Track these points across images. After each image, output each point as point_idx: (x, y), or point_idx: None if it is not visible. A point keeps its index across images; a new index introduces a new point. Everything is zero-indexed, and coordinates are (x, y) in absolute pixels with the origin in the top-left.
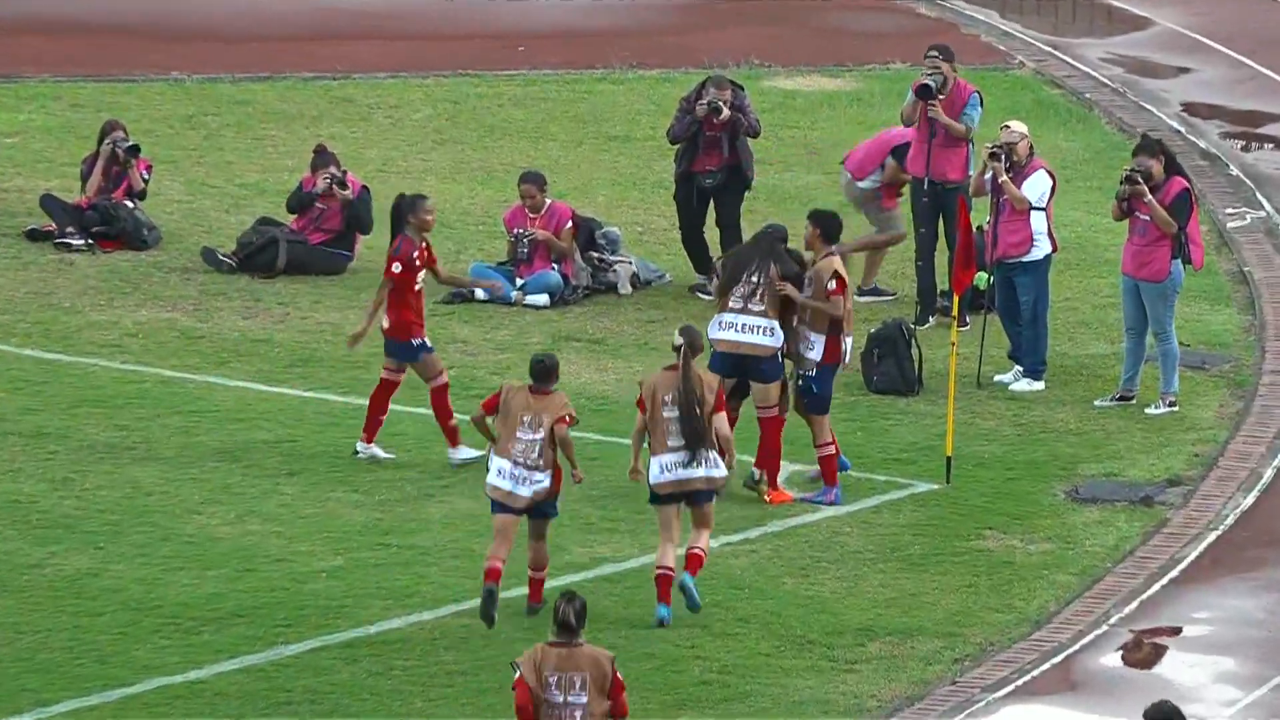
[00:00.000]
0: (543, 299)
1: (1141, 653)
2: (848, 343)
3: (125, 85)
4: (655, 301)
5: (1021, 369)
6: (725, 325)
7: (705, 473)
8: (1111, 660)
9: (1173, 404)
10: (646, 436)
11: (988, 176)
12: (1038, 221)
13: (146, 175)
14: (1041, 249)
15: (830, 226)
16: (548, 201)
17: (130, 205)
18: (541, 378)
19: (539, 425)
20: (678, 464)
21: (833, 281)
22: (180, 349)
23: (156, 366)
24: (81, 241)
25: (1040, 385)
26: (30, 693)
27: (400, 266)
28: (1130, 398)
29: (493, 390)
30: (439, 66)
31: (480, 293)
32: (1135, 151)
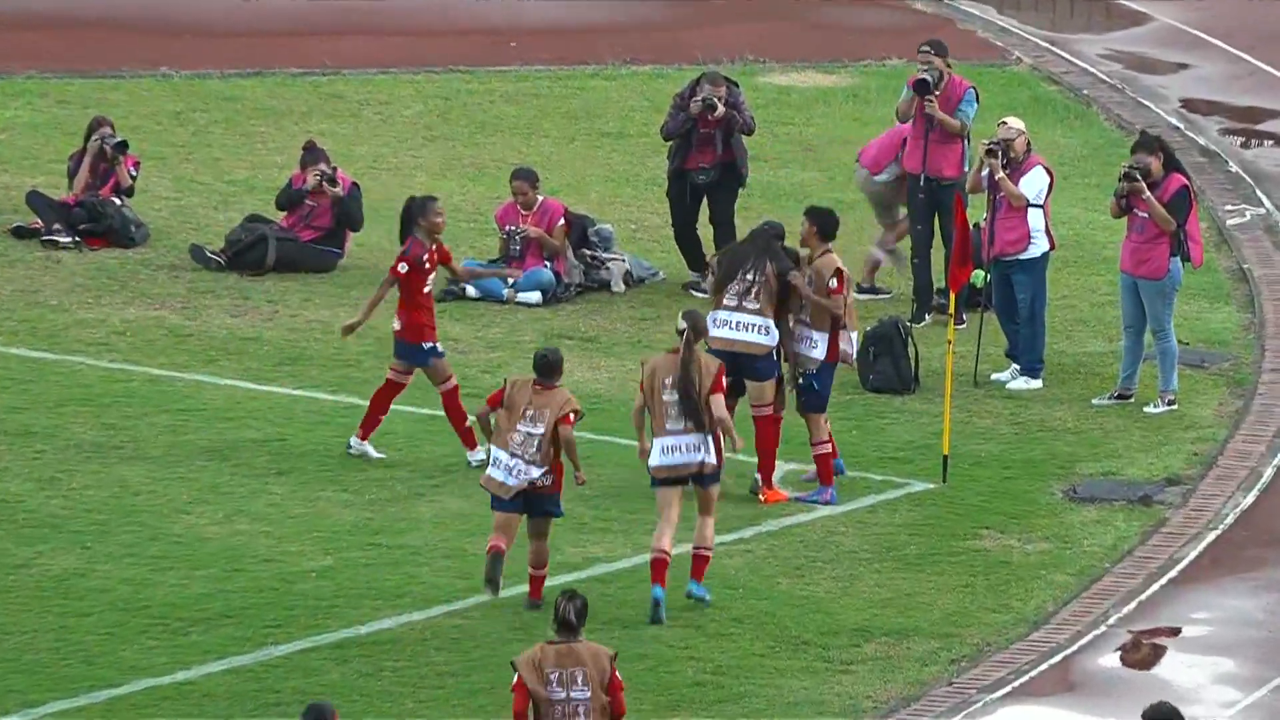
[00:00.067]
0: (535, 297)
1: (1140, 653)
2: (852, 337)
3: (113, 81)
4: (649, 299)
5: (1019, 367)
6: (720, 323)
7: (703, 457)
8: (1110, 661)
9: (1171, 402)
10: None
11: (985, 173)
12: (1035, 219)
13: (134, 172)
14: (1039, 246)
15: (827, 223)
16: (540, 198)
17: (118, 202)
18: (545, 372)
19: (540, 419)
20: (675, 447)
21: (834, 279)
22: (168, 347)
23: (144, 365)
24: (69, 239)
25: (1038, 384)
26: (16, 694)
27: (407, 267)
28: (1129, 396)
29: (490, 388)
30: (430, 62)
31: (471, 289)
32: (1134, 148)
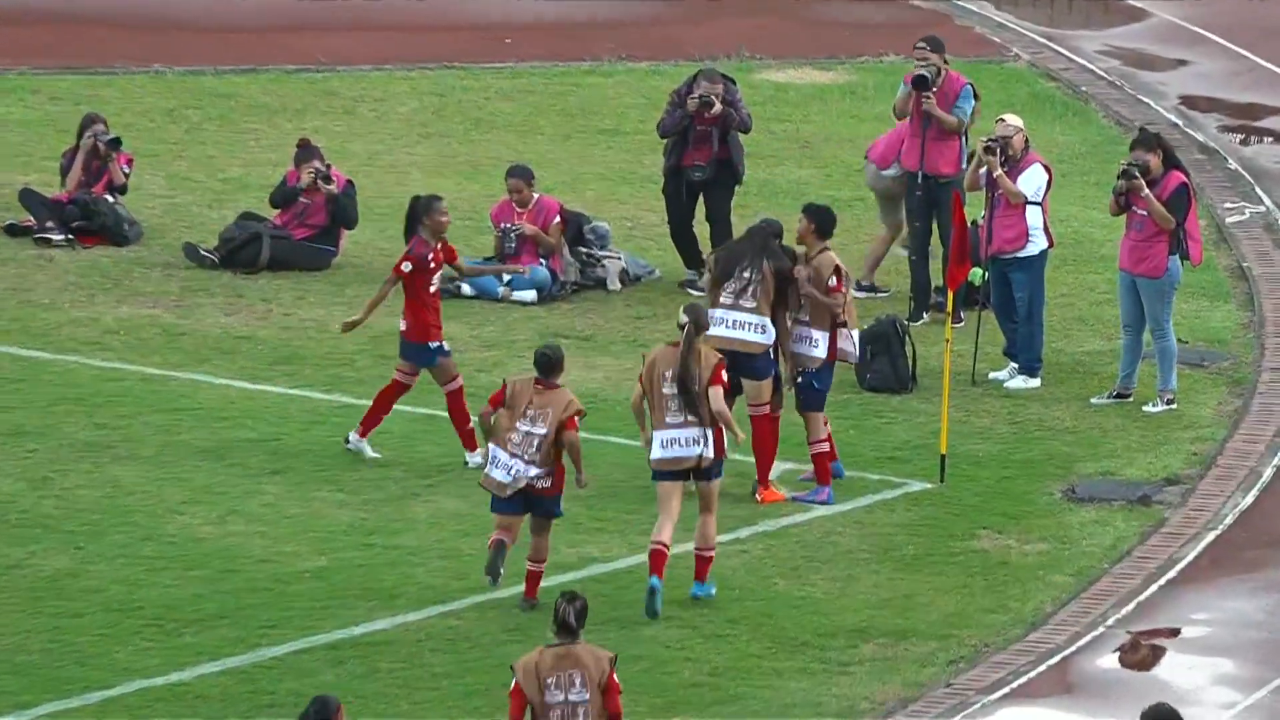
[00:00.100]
0: (530, 295)
1: (1139, 655)
2: (854, 336)
3: (105, 78)
4: (645, 297)
5: (1017, 366)
6: (716, 321)
7: (703, 450)
8: (1108, 662)
9: (1170, 402)
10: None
11: (983, 171)
12: (1033, 216)
13: (127, 169)
14: (1037, 244)
15: (824, 221)
16: (535, 196)
17: (111, 200)
18: (547, 370)
19: (541, 419)
20: (675, 440)
21: (833, 278)
22: (162, 346)
23: (138, 364)
24: (61, 237)
25: (1036, 383)
26: (9, 695)
27: (410, 266)
28: (1127, 395)
29: (485, 387)
30: (425, 59)
31: (467, 288)
32: (1132, 145)
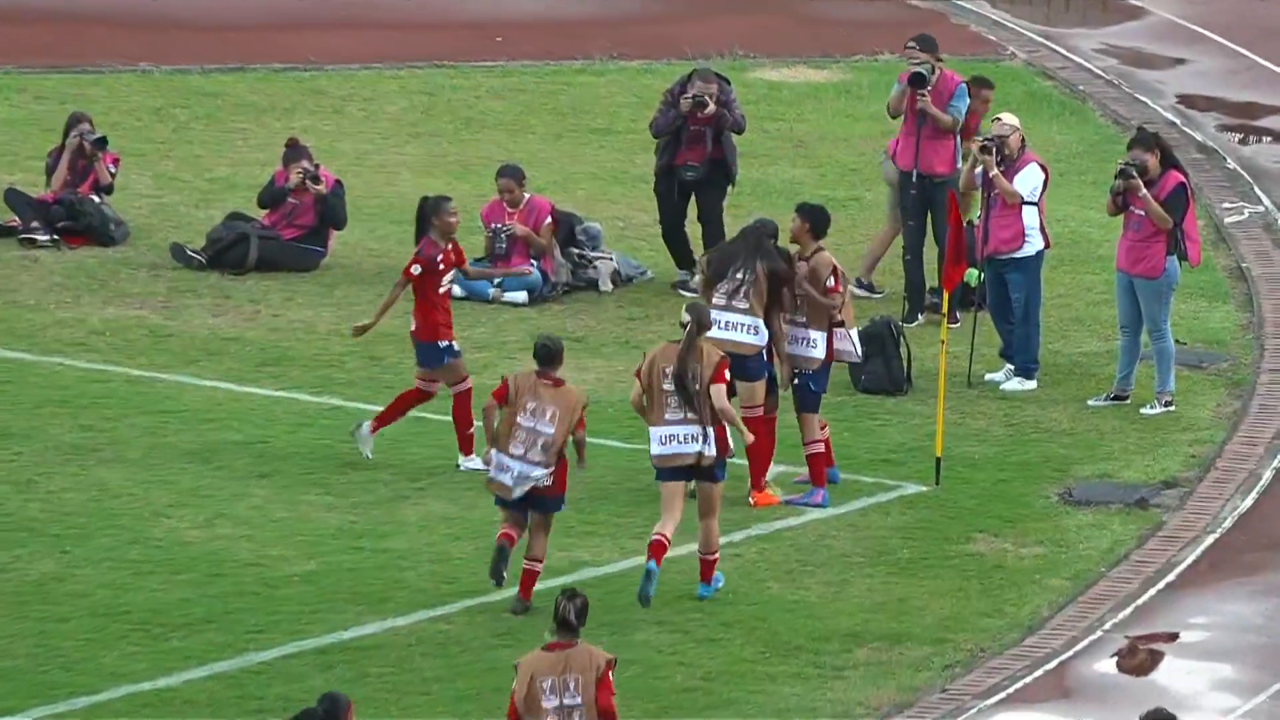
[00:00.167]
0: (521, 296)
1: (1137, 659)
2: (852, 335)
3: (91, 76)
4: (637, 299)
5: (1013, 368)
6: None
7: (702, 448)
8: (1106, 667)
9: (1169, 403)
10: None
11: (978, 171)
12: (1029, 216)
13: (114, 169)
14: (1033, 245)
15: (819, 220)
16: (526, 196)
17: (97, 200)
18: (547, 361)
19: (543, 414)
20: (673, 437)
21: (830, 278)
22: (148, 347)
23: (124, 365)
24: (47, 237)
25: (1032, 384)
26: None
27: (420, 269)
28: (1125, 397)
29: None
30: (414, 57)
31: (457, 289)
32: (1130, 145)
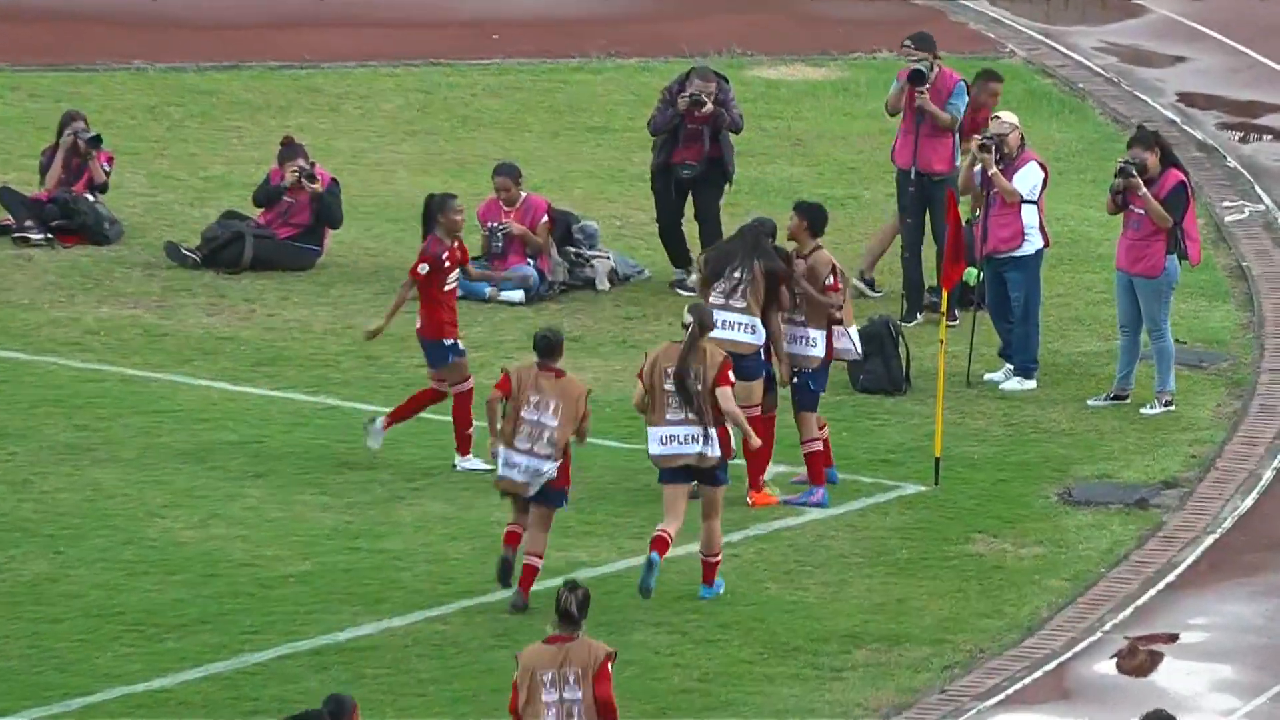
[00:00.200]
0: (518, 295)
1: (1136, 660)
2: (851, 333)
3: (86, 74)
4: (634, 298)
5: (1012, 367)
6: None
7: (702, 449)
8: (1105, 668)
9: (1168, 403)
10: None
11: (977, 169)
12: (1029, 215)
13: (108, 167)
14: (1033, 244)
15: (817, 218)
16: (523, 194)
17: (91, 198)
18: (547, 352)
19: (546, 407)
20: (673, 437)
21: (830, 276)
22: (143, 347)
23: (118, 365)
24: (40, 236)
25: (1032, 384)
26: None
27: (427, 267)
28: (1124, 397)
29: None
30: (410, 55)
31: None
32: (1130, 143)
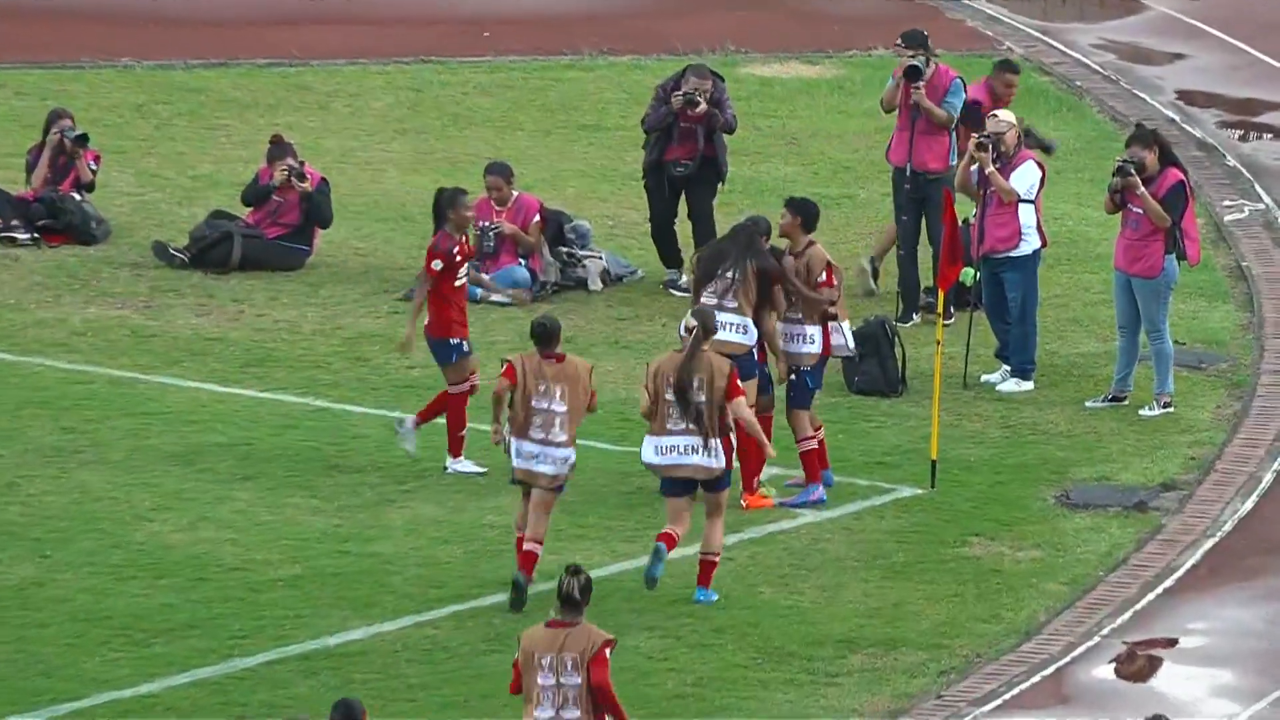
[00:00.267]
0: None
1: (1135, 665)
2: (845, 327)
3: (72, 72)
4: (626, 298)
5: (1009, 368)
6: None
7: (700, 460)
8: (1104, 673)
9: (1167, 405)
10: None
11: (974, 168)
12: (1026, 215)
13: (95, 166)
14: (1030, 243)
15: (808, 214)
16: (515, 194)
17: (78, 197)
18: (545, 341)
19: (552, 394)
20: (673, 447)
21: (824, 273)
22: (130, 348)
23: (106, 366)
24: (27, 235)
25: (1029, 385)
26: None
27: (440, 264)
28: (1123, 398)
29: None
30: (400, 52)
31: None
32: (1128, 142)
